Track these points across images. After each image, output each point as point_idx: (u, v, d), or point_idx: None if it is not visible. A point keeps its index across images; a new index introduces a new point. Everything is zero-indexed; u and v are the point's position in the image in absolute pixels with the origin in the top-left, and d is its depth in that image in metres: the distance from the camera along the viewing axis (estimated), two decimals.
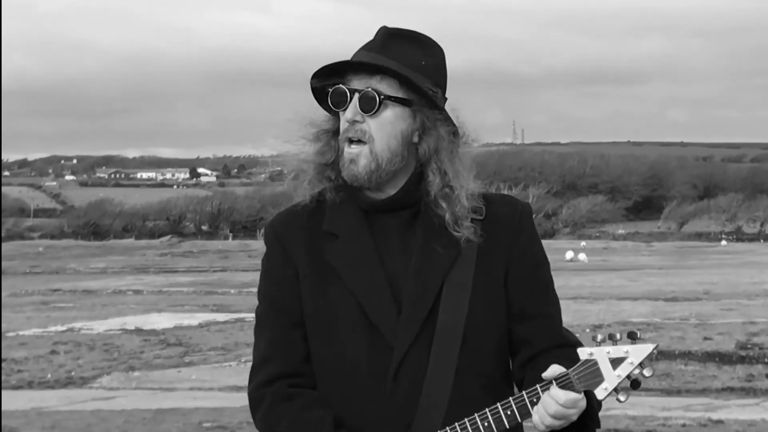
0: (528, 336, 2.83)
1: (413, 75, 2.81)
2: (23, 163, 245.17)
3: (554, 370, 2.65)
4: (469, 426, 2.70)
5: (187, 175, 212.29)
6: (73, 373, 17.89)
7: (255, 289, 3.01)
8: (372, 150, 2.79)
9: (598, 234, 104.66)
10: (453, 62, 2.91)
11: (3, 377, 17.44)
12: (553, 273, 2.99)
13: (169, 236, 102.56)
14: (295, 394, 2.84)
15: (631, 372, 2.61)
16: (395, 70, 2.80)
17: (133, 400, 15.05)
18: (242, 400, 2.61)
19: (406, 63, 2.82)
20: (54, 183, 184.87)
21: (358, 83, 2.81)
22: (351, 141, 2.81)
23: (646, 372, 2.62)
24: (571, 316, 24.10)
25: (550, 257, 3.00)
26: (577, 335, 2.81)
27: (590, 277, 42.43)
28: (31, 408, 14.38)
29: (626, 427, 12.10)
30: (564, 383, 2.62)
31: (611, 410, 13.40)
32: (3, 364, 18.77)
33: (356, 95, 2.80)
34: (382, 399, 2.77)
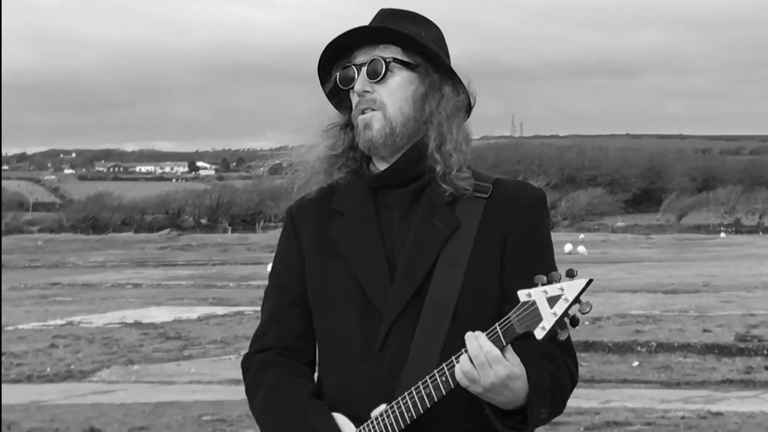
0: None
1: (416, 37, 2.87)
2: (22, 157, 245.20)
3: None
4: (415, 394, 2.68)
5: (186, 169, 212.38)
6: (72, 367, 17.88)
7: (254, 283, 3.06)
8: (385, 114, 2.84)
9: (597, 227, 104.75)
10: (450, 54, 2.93)
11: (3, 371, 17.44)
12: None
13: (168, 230, 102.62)
14: (281, 362, 2.91)
15: (567, 308, 2.56)
16: (396, 29, 2.85)
17: (133, 393, 15.05)
18: (241, 393, 2.65)
19: (407, 31, 2.88)
20: (53, 177, 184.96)
21: (363, 57, 2.87)
22: (364, 111, 2.85)
23: (584, 308, 2.58)
24: None
25: (554, 250, 2.98)
26: (576, 328, 2.78)
27: (589, 269, 42.40)
28: (30, 402, 14.38)
29: (625, 419, 12.11)
30: (505, 327, 2.59)
31: (610, 402, 13.41)
32: (3, 358, 18.78)
33: (363, 67, 2.85)
34: (370, 368, 2.79)
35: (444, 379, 2.66)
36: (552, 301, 2.56)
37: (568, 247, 62.96)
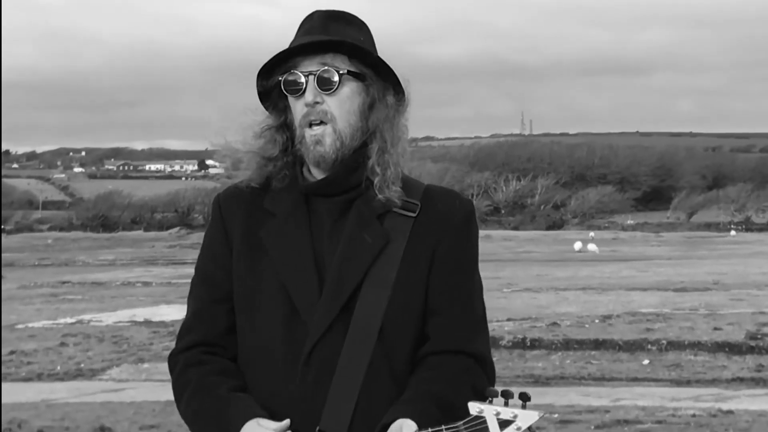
0: (430, 333, 2.83)
1: (364, 47, 2.84)
2: (32, 156, 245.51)
3: (403, 426, 2.61)
4: None
5: (196, 167, 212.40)
6: (82, 365, 17.90)
7: None
8: (335, 128, 2.81)
9: (607, 225, 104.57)
10: (457, 52, 2.93)
11: (13, 369, 17.47)
12: (562, 264, 2.96)
13: (177, 228, 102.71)
14: (206, 361, 2.88)
15: None
16: (352, 42, 2.82)
17: (143, 391, 15.06)
18: None
19: (351, 39, 2.85)
20: (62, 175, 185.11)
21: (310, 65, 2.82)
22: (312, 124, 2.81)
23: None
24: (580, 306, 24.08)
25: (558, 248, 2.99)
26: (586, 326, 2.78)
27: (599, 267, 42.35)
28: (40, 400, 14.40)
29: (636, 417, 12.09)
30: None
31: (621, 401, 13.39)
32: (13, 356, 18.81)
33: (311, 77, 2.81)
34: (294, 382, 2.77)
35: None
36: (503, 425, 2.54)
37: (577, 245, 62.80)
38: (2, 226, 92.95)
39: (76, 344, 20.53)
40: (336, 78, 2.80)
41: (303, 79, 2.81)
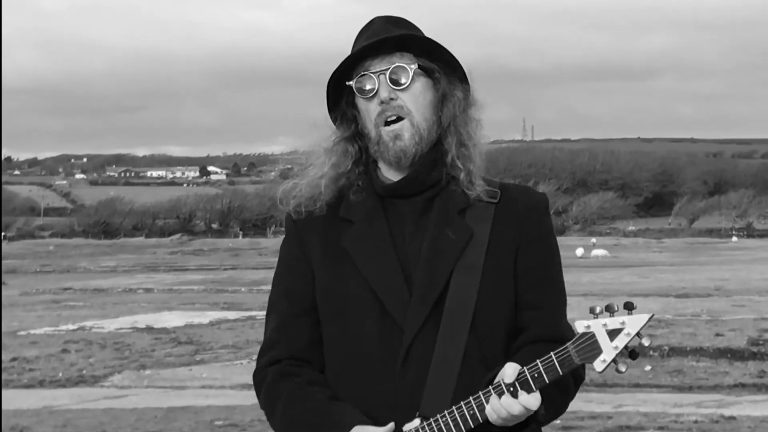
0: (524, 325, 2.82)
1: (432, 40, 2.86)
2: (33, 162, 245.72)
3: (511, 369, 2.63)
4: (448, 417, 2.69)
5: (197, 174, 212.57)
6: (84, 372, 17.90)
7: (266, 287, 3.03)
8: (413, 122, 2.81)
9: (608, 230, 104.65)
10: (458, 57, 2.92)
11: (15, 376, 17.48)
12: (564, 270, 2.97)
13: (179, 234, 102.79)
14: (296, 373, 2.86)
15: (628, 342, 2.57)
16: (420, 36, 2.84)
17: (145, 398, 15.06)
18: (254, 398, 2.63)
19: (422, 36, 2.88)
20: (64, 182, 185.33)
21: (380, 65, 2.83)
22: (388, 121, 2.81)
23: (644, 341, 2.59)
24: (582, 312, 23.98)
25: (560, 254, 2.97)
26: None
27: (601, 273, 42.37)
28: (42, 407, 14.40)
29: (638, 423, 12.08)
30: (562, 357, 2.60)
31: (623, 407, 13.38)
32: (15, 363, 18.83)
33: (383, 75, 2.82)
34: (392, 382, 2.76)
35: (472, 413, 2.67)
36: (612, 334, 2.58)
37: (579, 251, 62.88)
38: (4, 233, 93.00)
39: (78, 351, 20.54)
40: (408, 73, 2.81)
41: (375, 79, 2.82)
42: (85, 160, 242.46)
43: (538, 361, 2.62)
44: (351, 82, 2.85)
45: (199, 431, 12.23)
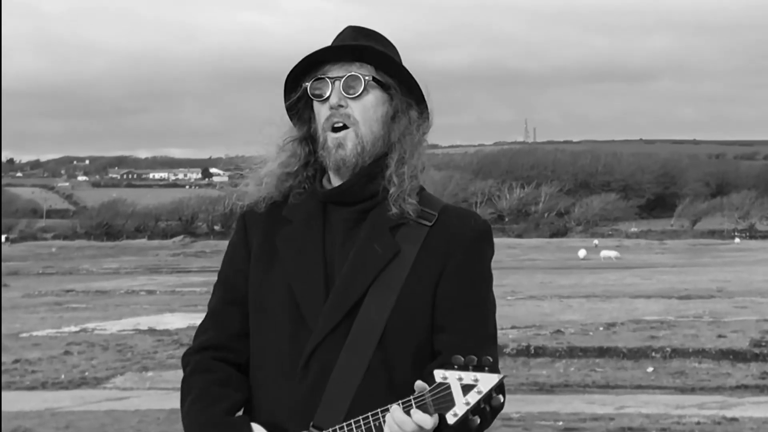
0: (439, 348, 2.83)
1: (389, 54, 2.89)
2: (36, 164, 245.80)
3: (418, 386, 2.65)
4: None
5: (200, 175, 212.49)
6: (86, 374, 17.92)
7: None
8: (357, 133, 2.85)
9: (610, 232, 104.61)
10: (461, 60, 3.00)
11: (17, 378, 17.50)
12: (566, 271, 2.97)
13: (181, 236, 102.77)
14: (214, 367, 2.94)
15: (479, 400, 2.59)
16: (378, 49, 2.87)
17: (147, 400, 15.07)
18: None
19: (386, 52, 2.91)
20: (66, 184, 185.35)
21: (338, 71, 2.87)
22: (334, 128, 2.85)
23: (494, 402, 2.60)
24: (584, 314, 24.06)
25: (562, 256, 2.98)
26: (591, 333, 2.79)
27: (603, 275, 42.33)
28: (45, 408, 14.41)
29: (640, 425, 12.08)
30: (420, 404, 2.63)
31: (625, 408, 13.38)
32: (17, 365, 18.85)
33: (338, 82, 2.85)
34: (292, 384, 2.81)
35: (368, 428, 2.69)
36: (465, 389, 2.59)
37: (582, 253, 62.77)
38: (6, 235, 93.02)
39: (80, 353, 20.55)
40: (361, 83, 2.85)
41: (330, 85, 2.86)
42: (87, 162, 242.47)
43: (411, 397, 2.63)
44: (306, 84, 2.89)
45: None
